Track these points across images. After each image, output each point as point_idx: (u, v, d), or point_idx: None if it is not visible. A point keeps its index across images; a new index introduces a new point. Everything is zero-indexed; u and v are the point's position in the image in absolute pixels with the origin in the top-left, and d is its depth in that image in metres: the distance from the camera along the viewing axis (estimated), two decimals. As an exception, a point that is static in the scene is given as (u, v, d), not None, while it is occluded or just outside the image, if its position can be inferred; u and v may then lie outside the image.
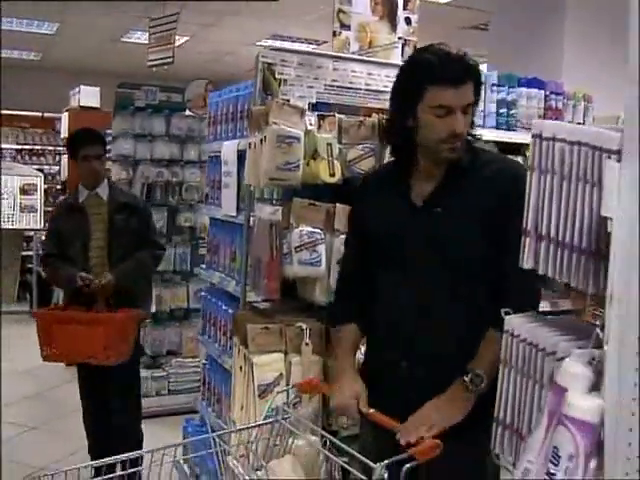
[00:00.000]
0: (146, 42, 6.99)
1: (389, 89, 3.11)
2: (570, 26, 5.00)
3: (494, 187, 2.27)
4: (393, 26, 3.22)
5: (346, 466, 1.96)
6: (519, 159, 3.75)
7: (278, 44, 10.60)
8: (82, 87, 7.42)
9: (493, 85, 3.69)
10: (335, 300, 2.68)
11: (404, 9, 3.23)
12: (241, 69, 11.69)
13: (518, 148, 3.79)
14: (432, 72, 2.19)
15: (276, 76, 3.01)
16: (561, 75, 4.72)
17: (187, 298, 6.32)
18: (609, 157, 1.33)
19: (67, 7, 9.14)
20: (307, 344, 2.81)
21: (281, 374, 2.80)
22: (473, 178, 2.31)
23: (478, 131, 3.48)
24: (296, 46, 10.79)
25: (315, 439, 2.68)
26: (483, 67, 4.00)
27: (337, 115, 2.93)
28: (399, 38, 3.24)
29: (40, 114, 12.16)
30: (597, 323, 1.44)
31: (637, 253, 1.24)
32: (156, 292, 6.09)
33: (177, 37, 10.61)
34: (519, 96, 3.78)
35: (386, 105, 3.13)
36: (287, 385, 2.80)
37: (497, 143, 3.66)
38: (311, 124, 2.86)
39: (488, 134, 3.64)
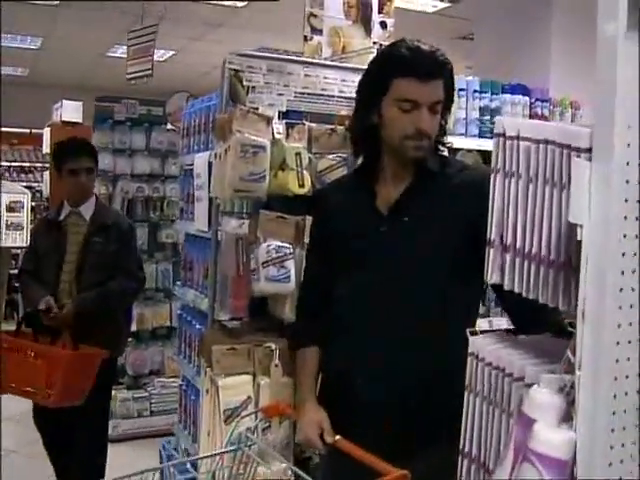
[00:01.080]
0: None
1: None
2: (557, 31, 4.88)
3: (467, 195, 2.12)
4: (368, 30, 3.09)
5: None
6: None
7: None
8: (64, 102, 7.30)
9: (475, 91, 3.56)
10: (297, 320, 2.53)
11: (379, 13, 3.09)
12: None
13: (502, 157, 3.65)
14: (400, 64, 2.09)
15: (244, 83, 2.86)
16: (548, 82, 4.59)
17: (170, 316, 6.15)
18: (578, 156, 1.18)
19: (51, 21, 9.05)
20: (276, 365, 2.68)
21: (249, 397, 2.67)
22: (444, 185, 2.19)
23: (457, 141, 3.45)
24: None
25: (284, 466, 2.53)
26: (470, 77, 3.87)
27: (307, 123, 2.80)
28: (374, 43, 3.11)
29: (28, 130, 12.02)
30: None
31: (611, 264, 1.10)
32: (138, 310, 6.00)
33: (163, 51, 10.71)
34: (503, 103, 3.65)
35: None
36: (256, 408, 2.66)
37: (480, 152, 3.53)
38: (279, 133, 2.74)
39: (470, 142, 3.54)
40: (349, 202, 2.29)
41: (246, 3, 7.84)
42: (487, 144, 3.57)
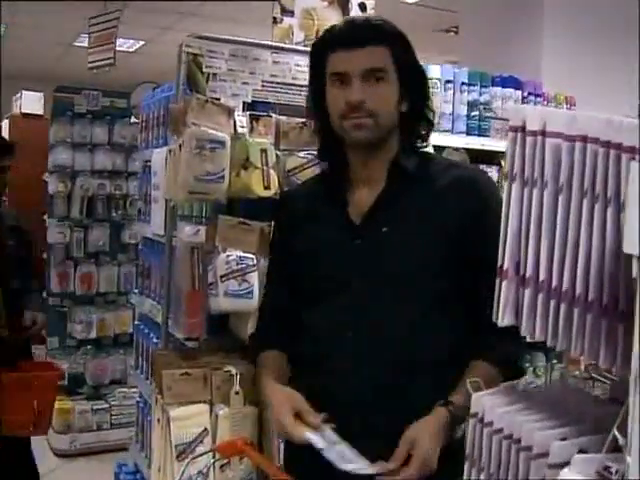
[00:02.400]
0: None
1: None
2: (549, 21, 4.63)
3: (455, 198, 1.89)
4: (345, 13, 2.81)
5: None
6: (493, 170, 3.33)
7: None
8: (24, 92, 6.96)
9: (463, 84, 3.26)
10: (257, 337, 2.23)
11: (358, -8, 2.78)
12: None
13: (491, 156, 3.36)
14: (328, 38, 1.93)
15: (203, 70, 2.55)
16: (540, 75, 4.32)
17: (132, 322, 5.82)
18: (633, 158, 0.86)
19: (14, 8, 8.72)
20: (237, 392, 2.36)
21: (205, 430, 2.36)
22: (426, 187, 1.93)
23: (443, 138, 3.13)
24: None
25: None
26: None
27: (274, 116, 2.50)
28: None
29: (-8, 122, 11.65)
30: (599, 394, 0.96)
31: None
32: (99, 315, 5.75)
33: (132, 41, 10.36)
34: (493, 97, 3.35)
35: None
36: (213, 443, 2.34)
37: (467, 150, 3.23)
38: (242, 126, 2.46)
39: (457, 140, 3.25)
40: (317, 211, 2.03)
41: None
42: (475, 142, 3.34)
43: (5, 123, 7.20)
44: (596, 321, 0.91)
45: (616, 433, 0.87)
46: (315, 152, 2.50)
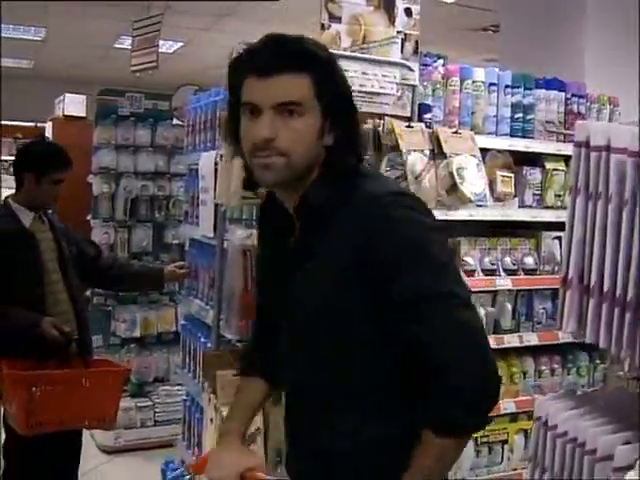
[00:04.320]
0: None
1: (387, 91, 2.77)
2: (592, 21, 4.61)
3: (352, 245, 1.67)
4: (391, 18, 2.83)
5: None
6: (537, 172, 3.35)
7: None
8: (67, 95, 7.01)
9: (507, 87, 3.27)
10: (250, 347, 2.20)
11: (404, -2, 2.81)
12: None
13: (535, 158, 3.38)
14: (245, 60, 1.69)
15: None
16: (582, 76, 4.31)
17: (175, 321, 5.91)
18: None
19: (53, 11, 8.85)
20: None
21: (258, 429, 2.45)
22: (330, 226, 1.72)
23: (487, 141, 3.15)
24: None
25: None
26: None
27: None
28: (398, 32, 2.86)
29: (33, 124, 11.82)
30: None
31: None
32: (143, 315, 5.83)
33: (171, 43, 10.46)
34: (537, 99, 3.36)
35: (383, 109, 2.77)
36: (265, 443, 2.40)
37: (511, 152, 3.24)
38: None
39: (501, 142, 3.28)
40: (277, 236, 1.87)
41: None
42: (519, 144, 3.34)
43: (48, 125, 7.30)
44: None
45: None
46: (366, 156, 2.56)
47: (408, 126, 2.56)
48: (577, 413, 1.12)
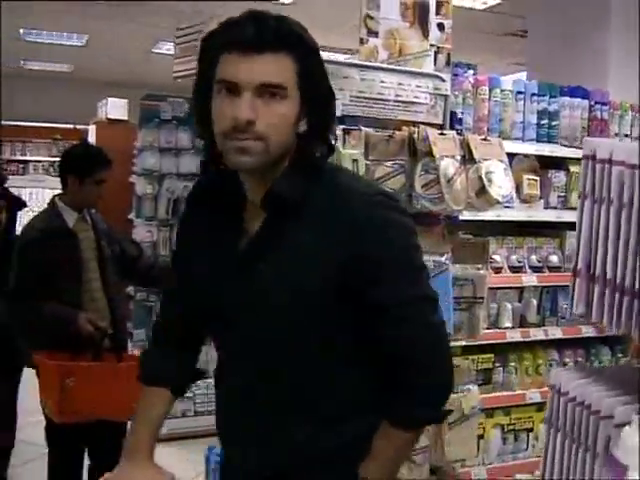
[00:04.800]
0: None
1: (421, 100, 2.96)
2: (616, 29, 4.74)
3: (339, 241, 1.61)
4: (425, 33, 3.00)
5: None
6: (561, 175, 3.52)
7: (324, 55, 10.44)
8: (110, 99, 7.30)
9: (533, 95, 3.45)
10: (156, 353, 2.00)
11: (436, 14, 3.00)
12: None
13: (560, 162, 3.56)
14: (222, 34, 1.57)
15: None
16: (606, 83, 4.46)
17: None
18: None
19: (97, 19, 9.11)
20: None
21: None
22: (308, 220, 1.64)
23: (514, 146, 3.33)
24: (329, 56, 10.65)
25: None
26: (521, 76, 3.77)
27: (363, 129, 2.72)
28: (431, 45, 3.01)
29: (72, 126, 12.11)
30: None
31: None
32: None
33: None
34: (561, 106, 3.54)
35: (417, 117, 2.96)
36: None
37: (537, 157, 3.43)
38: (336, 139, 2.64)
39: (528, 147, 3.44)
40: (217, 228, 1.77)
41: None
42: (545, 149, 3.50)
43: (92, 128, 7.55)
44: None
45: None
46: (400, 162, 2.72)
47: (441, 134, 2.72)
48: (585, 381, 1.33)
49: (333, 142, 1.74)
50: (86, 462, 3.87)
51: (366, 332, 1.67)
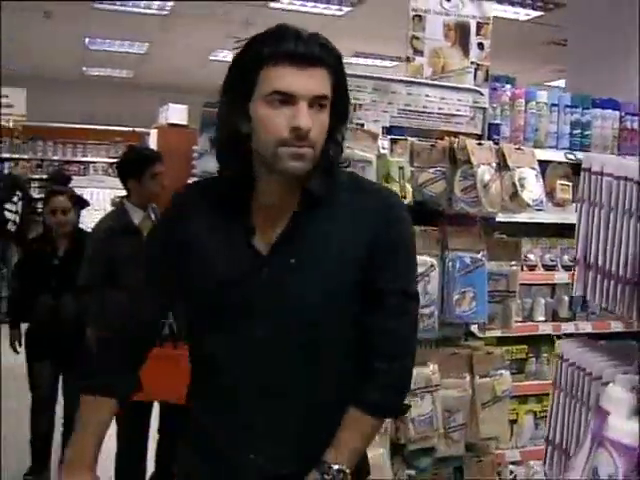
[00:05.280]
0: (229, 60, 7.19)
1: (462, 112, 3.24)
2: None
3: (366, 226, 1.78)
4: (466, 51, 3.28)
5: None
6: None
7: (362, 61, 10.79)
8: (170, 105, 7.63)
9: (567, 107, 3.73)
10: (100, 357, 1.98)
11: (477, 35, 3.29)
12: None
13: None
14: (268, 46, 1.65)
15: (352, 101, 3.10)
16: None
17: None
18: None
19: (159, 28, 9.50)
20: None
21: None
22: (337, 213, 1.78)
23: (548, 154, 3.59)
24: (378, 62, 10.95)
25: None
26: (561, 82, 4.02)
27: (409, 139, 3.01)
28: (471, 63, 3.28)
29: (132, 129, 12.55)
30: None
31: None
32: None
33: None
34: (593, 117, 3.79)
35: (458, 128, 3.24)
36: None
37: (570, 165, 3.69)
38: (384, 148, 2.94)
39: (561, 155, 3.69)
40: (219, 236, 1.81)
41: (346, 11, 8.12)
42: (577, 157, 3.73)
43: (153, 133, 7.90)
44: (631, 291, 1.47)
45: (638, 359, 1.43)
46: (441, 169, 2.98)
47: (478, 143, 3.00)
48: (583, 350, 1.63)
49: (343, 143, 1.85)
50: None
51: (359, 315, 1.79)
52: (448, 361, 2.98)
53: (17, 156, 12.29)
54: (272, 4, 7.79)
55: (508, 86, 3.54)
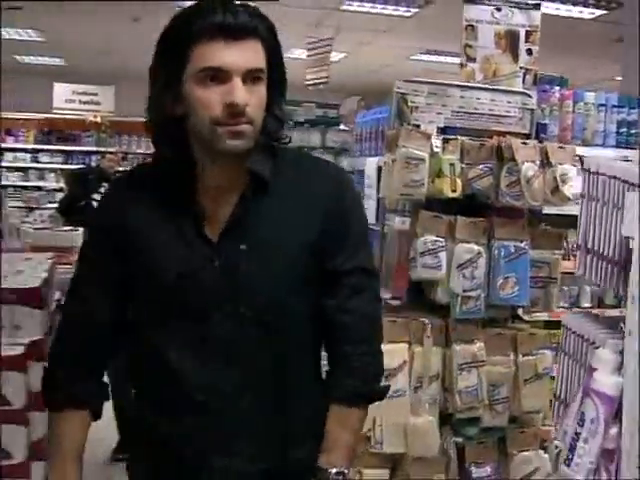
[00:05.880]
0: (304, 58, 7.55)
1: (511, 113, 3.50)
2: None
3: (317, 206, 1.72)
4: (515, 57, 3.52)
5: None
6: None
7: (434, 58, 11.02)
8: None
9: (613, 107, 3.96)
10: (61, 368, 1.78)
11: (526, 42, 3.55)
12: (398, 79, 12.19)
13: (639, 165, 4.02)
14: (193, 21, 1.54)
15: (408, 104, 3.40)
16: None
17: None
18: (632, 189, 1.71)
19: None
20: (428, 337, 3.14)
21: (405, 362, 3.15)
22: (285, 193, 1.71)
23: (595, 151, 3.83)
24: (449, 59, 11.16)
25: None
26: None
27: (460, 138, 3.27)
28: (520, 68, 3.52)
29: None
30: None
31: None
32: None
33: (335, 53, 11.38)
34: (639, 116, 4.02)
35: (507, 128, 3.49)
36: (410, 370, 3.18)
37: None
38: (437, 147, 3.19)
39: (608, 153, 3.91)
40: (162, 225, 1.69)
41: (413, 13, 8.33)
42: (624, 153, 3.91)
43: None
44: (619, 270, 1.75)
45: (622, 324, 1.73)
46: (489, 165, 3.19)
47: (523, 143, 3.24)
48: (584, 321, 1.89)
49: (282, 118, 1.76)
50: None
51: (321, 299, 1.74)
52: (493, 340, 3.24)
53: (104, 149, 12.85)
54: (344, 6, 8.07)
55: (557, 88, 3.80)
